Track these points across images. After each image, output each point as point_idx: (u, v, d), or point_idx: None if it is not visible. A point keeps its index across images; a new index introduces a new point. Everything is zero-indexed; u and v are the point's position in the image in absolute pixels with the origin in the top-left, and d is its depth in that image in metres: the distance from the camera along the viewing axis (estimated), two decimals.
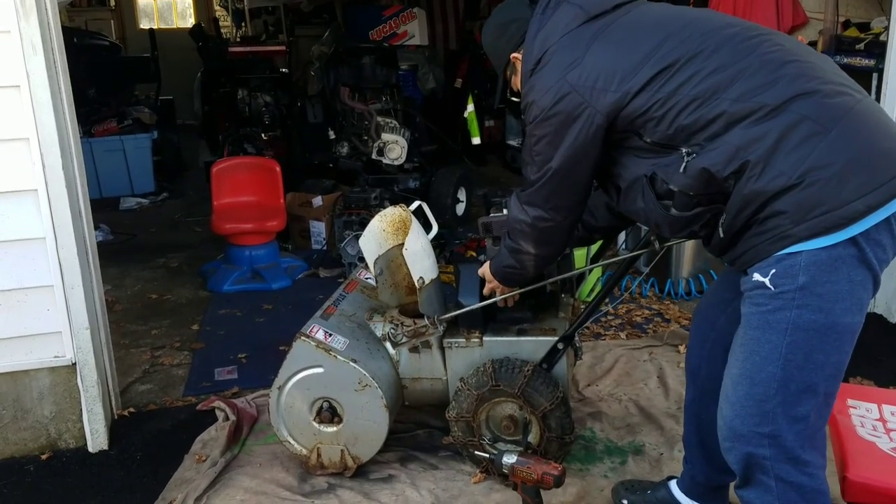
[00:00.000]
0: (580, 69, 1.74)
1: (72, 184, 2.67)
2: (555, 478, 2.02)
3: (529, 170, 1.92)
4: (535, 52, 1.86)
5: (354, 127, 5.46)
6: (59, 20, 2.65)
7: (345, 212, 4.71)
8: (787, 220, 1.55)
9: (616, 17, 1.80)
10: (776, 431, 1.63)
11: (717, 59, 1.65)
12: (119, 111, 7.09)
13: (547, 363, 2.44)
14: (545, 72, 1.81)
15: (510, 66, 2.05)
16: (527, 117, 1.89)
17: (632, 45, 1.73)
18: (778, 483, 1.66)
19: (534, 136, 1.86)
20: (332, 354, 2.41)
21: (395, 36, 7.25)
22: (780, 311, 1.58)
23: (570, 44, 1.79)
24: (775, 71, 1.61)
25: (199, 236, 5.57)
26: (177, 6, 12.18)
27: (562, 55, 1.79)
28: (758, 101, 1.58)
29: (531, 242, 2.05)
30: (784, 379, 1.60)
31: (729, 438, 1.71)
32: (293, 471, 2.58)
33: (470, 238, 5.00)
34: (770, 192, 1.56)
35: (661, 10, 1.85)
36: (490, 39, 2.11)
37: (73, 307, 2.68)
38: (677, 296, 4.10)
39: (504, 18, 2.06)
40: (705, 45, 1.67)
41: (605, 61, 1.73)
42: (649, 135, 1.71)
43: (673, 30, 1.73)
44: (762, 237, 1.59)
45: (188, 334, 3.84)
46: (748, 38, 1.69)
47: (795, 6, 4.86)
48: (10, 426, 2.76)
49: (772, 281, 1.58)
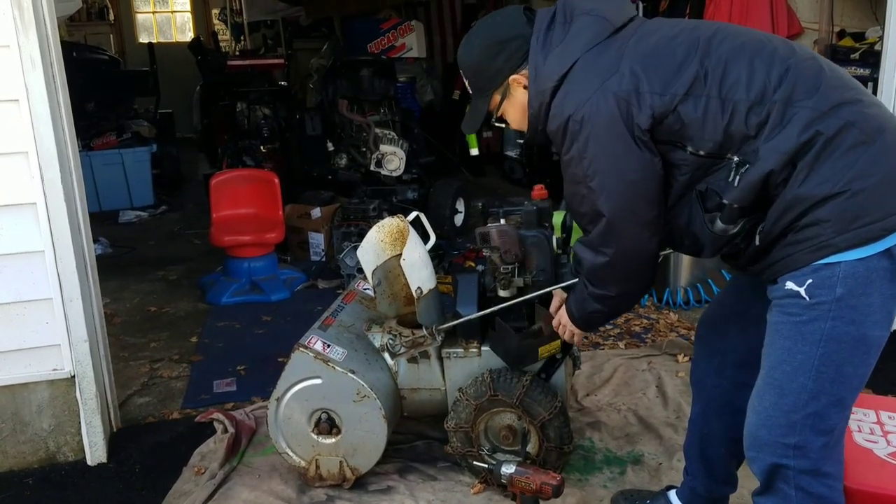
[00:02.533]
0: (618, 76, 1.64)
1: (71, 197, 2.68)
2: (553, 488, 2.02)
3: (587, 203, 1.71)
4: (552, 68, 1.72)
5: (353, 139, 5.48)
6: (58, 34, 2.67)
7: (343, 223, 4.72)
8: (829, 229, 1.52)
9: (635, 27, 1.74)
10: (802, 443, 1.61)
11: (757, 64, 1.60)
12: (118, 125, 7.11)
13: (545, 373, 2.44)
14: (577, 86, 1.68)
15: (504, 89, 1.87)
16: (562, 143, 1.71)
17: (667, 51, 1.66)
18: (798, 493, 1.64)
19: (583, 159, 1.67)
20: (331, 365, 2.42)
21: (393, 48, 7.30)
22: (814, 321, 1.55)
23: (599, 55, 1.69)
24: (816, 77, 1.59)
25: (198, 249, 5.58)
26: (176, 20, 12.23)
27: (594, 66, 1.68)
28: (805, 104, 1.55)
29: (620, 282, 1.80)
30: (815, 391, 1.58)
31: (753, 447, 1.69)
32: (292, 482, 2.58)
33: (468, 248, 5.01)
34: (814, 198, 1.52)
35: (677, 21, 1.83)
36: (479, 59, 1.88)
37: (72, 320, 2.69)
38: (676, 305, 4.11)
39: (501, 35, 1.85)
40: (741, 50, 1.63)
41: (644, 67, 1.64)
42: (696, 144, 1.62)
43: (703, 36, 1.67)
44: (800, 246, 1.56)
45: (187, 347, 3.84)
46: (777, 45, 1.66)
47: (791, 16, 4.88)
48: (9, 439, 2.76)
49: (807, 291, 1.55)
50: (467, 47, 1.91)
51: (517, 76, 1.84)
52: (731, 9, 4.98)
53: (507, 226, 2.37)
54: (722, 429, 2.03)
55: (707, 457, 2.12)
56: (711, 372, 2.04)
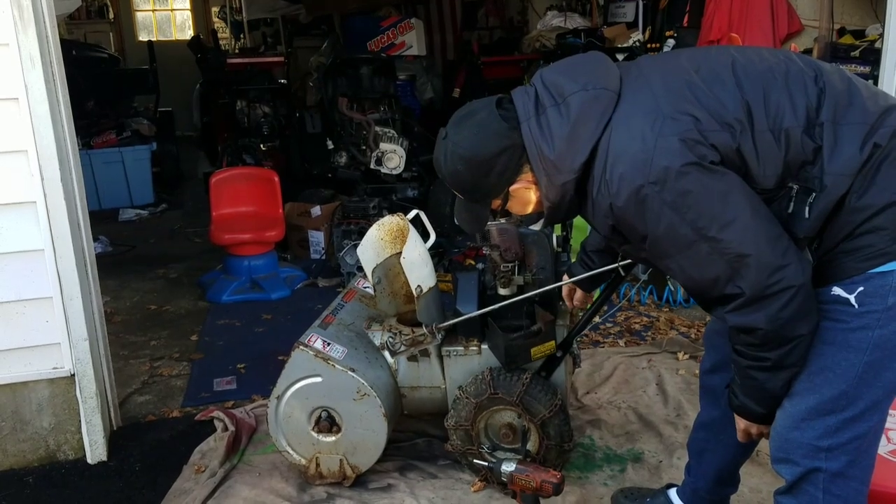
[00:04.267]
0: (670, 121, 1.48)
1: (70, 196, 2.68)
2: (554, 486, 2.01)
3: (718, 256, 1.47)
4: (569, 160, 1.56)
5: (353, 137, 5.48)
6: (57, 33, 2.66)
7: (343, 221, 4.72)
8: (887, 236, 1.48)
9: (633, 80, 1.60)
10: (835, 446, 1.60)
11: (793, 87, 1.53)
12: (118, 123, 7.11)
13: (545, 371, 2.44)
14: (625, 156, 1.50)
15: (504, 196, 1.72)
16: (643, 218, 1.50)
17: (699, 88, 1.53)
18: (826, 496, 1.63)
19: (684, 218, 1.46)
20: (331, 364, 2.42)
21: (392, 46, 7.29)
22: (862, 329, 1.52)
23: (627, 118, 1.53)
24: (848, 90, 1.54)
25: (198, 247, 5.58)
26: (175, 18, 12.21)
27: (631, 128, 1.51)
28: (852, 120, 1.50)
29: (809, 312, 1.52)
30: (854, 397, 1.56)
31: (784, 449, 1.66)
32: (292, 480, 2.58)
33: (468, 246, 5.00)
34: (873, 208, 1.48)
35: (672, 55, 1.72)
36: (469, 181, 1.69)
37: (72, 319, 2.69)
38: (676, 303, 4.11)
39: (485, 153, 1.64)
40: (769, 75, 1.54)
41: (689, 107, 1.50)
42: (758, 181, 1.50)
43: (722, 64, 1.57)
44: (854, 254, 1.51)
45: (187, 345, 3.84)
46: (797, 62, 1.59)
47: (791, 14, 4.89)
48: (9, 438, 2.76)
49: (858, 299, 1.51)
50: (451, 170, 1.70)
51: (517, 186, 1.68)
52: (732, 6, 4.99)
53: (508, 224, 2.36)
54: (735, 435, 2.00)
55: (715, 461, 2.10)
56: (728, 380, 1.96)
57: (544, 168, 1.60)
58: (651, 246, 1.55)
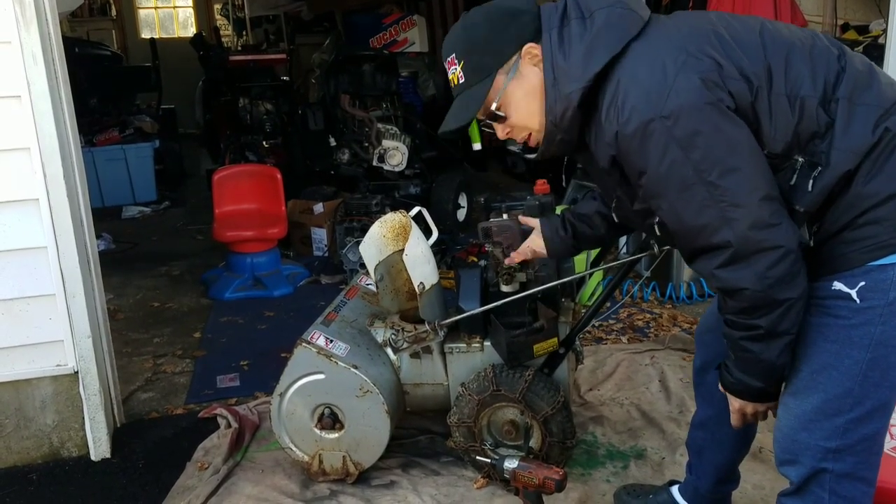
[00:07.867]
0: (694, 59, 1.45)
1: (73, 193, 2.68)
2: (556, 482, 2.01)
3: (712, 202, 1.44)
4: (581, 67, 1.52)
5: (355, 134, 5.49)
6: (59, 30, 2.66)
7: (346, 218, 4.73)
8: (890, 228, 1.46)
9: (660, 21, 1.58)
10: (843, 446, 1.58)
11: (816, 59, 1.51)
12: (120, 120, 7.13)
13: (548, 368, 2.44)
14: (641, 82, 1.47)
15: (513, 66, 1.62)
16: (646, 152, 1.46)
17: (725, 38, 1.51)
18: (832, 497, 1.61)
19: (689, 157, 1.43)
20: (334, 360, 2.42)
21: (395, 43, 7.28)
22: (864, 325, 1.50)
23: (649, 45, 1.51)
24: (869, 73, 1.53)
25: (201, 244, 5.59)
26: (178, 16, 12.23)
27: (653, 57, 1.48)
28: (868, 102, 1.48)
29: (801, 273, 1.48)
30: (861, 396, 1.54)
31: (790, 451, 1.64)
32: (295, 477, 2.58)
33: (471, 243, 5.00)
34: (878, 196, 1.45)
35: (702, 12, 1.70)
36: (486, 30, 1.63)
37: (75, 316, 2.69)
38: (679, 299, 4.10)
39: (510, 6, 1.63)
40: (794, 44, 1.52)
41: (713, 50, 1.47)
42: (767, 143, 1.47)
43: (752, 26, 1.55)
44: (855, 245, 1.49)
45: (190, 342, 3.85)
46: (823, 40, 1.58)
47: (794, 9, 4.87)
48: (13, 435, 2.76)
49: (859, 294, 1.49)
50: (467, 22, 1.67)
51: (532, 45, 1.59)
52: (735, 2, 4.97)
53: (510, 220, 2.36)
54: (733, 433, 1.98)
55: (715, 461, 2.10)
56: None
57: (554, 73, 1.56)
58: (647, 182, 1.51)
